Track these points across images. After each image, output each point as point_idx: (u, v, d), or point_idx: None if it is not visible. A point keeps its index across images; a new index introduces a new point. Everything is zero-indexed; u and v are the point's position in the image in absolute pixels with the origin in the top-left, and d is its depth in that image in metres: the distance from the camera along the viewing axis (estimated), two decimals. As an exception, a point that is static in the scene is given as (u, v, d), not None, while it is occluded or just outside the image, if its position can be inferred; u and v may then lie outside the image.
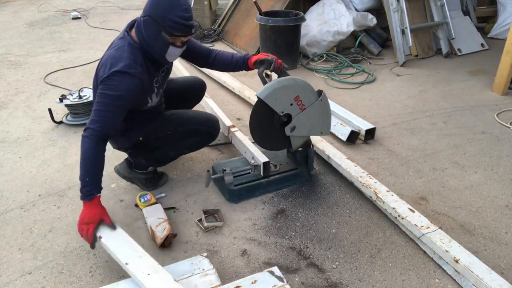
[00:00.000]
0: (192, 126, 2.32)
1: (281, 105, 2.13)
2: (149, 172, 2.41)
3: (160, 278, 1.62)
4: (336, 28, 4.41)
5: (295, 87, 2.12)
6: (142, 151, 2.36)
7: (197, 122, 2.34)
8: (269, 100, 2.09)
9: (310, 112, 2.20)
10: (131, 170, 2.42)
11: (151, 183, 2.44)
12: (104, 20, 6.67)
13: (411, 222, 1.98)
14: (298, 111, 2.18)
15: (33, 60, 4.81)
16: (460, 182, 2.49)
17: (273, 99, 2.10)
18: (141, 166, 2.40)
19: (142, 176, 2.41)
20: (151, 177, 2.43)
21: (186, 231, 2.12)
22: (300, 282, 1.81)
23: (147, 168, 2.40)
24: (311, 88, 2.18)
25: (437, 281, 1.81)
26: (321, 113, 2.24)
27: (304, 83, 2.15)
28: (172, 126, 2.30)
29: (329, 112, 2.30)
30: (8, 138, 3.08)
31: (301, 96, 2.14)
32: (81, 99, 3.20)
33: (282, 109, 2.14)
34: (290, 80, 2.12)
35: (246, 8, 5.20)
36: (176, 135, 2.30)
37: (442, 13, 4.57)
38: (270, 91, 2.08)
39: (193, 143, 2.41)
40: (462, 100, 3.57)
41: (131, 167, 2.42)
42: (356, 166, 2.44)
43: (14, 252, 2.01)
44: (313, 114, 2.22)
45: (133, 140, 2.28)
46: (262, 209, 2.27)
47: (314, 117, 2.24)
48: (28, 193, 2.45)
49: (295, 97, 2.13)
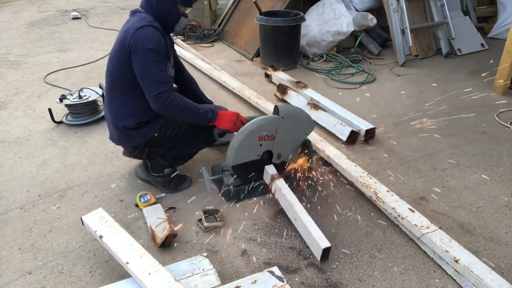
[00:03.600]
0: None
1: (253, 152, 2.20)
2: (165, 175, 2.39)
3: (160, 278, 1.62)
4: (336, 28, 4.41)
5: (252, 132, 2.15)
6: (160, 150, 2.35)
7: None
8: (239, 160, 2.18)
9: (281, 133, 2.22)
10: (148, 173, 2.44)
11: (170, 186, 2.42)
12: (104, 20, 6.68)
13: (411, 222, 1.98)
14: (271, 142, 2.22)
15: (33, 60, 4.81)
16: (460, 182, 2.49)
17: (242, 156, 2.18)
18: (158, 169, 2.39)
19: (159, 179, 2.41)
20: (169, 180, 2.41)
21: (186, 231, 2.12)
22: (300, 282, 1.81)
23: (163, 171, 2.38)
24: (267, 119, 2.19)
25: (437, 281, 1.81)
26: (291, 125, 2.24)
27: (257, 121, 2.16)
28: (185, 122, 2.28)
29: (299, 114, 2.28)
30: (8, 138, 3.08)
31: (262, 133, 2.17)
32: (81, 99, 3.20)
33: (256, 154, 2.21)
34: (244, 131, 2.15)
35: (246, 8, 5.20)
36: (191, 131, 2.29)
37: (442, 13, 4.57)
38: (234, 153, 2.15)
39: (209, 137, 2.37)
40: (462, 100, 3.57)
41: (147, 170, 2.43)
42: (356, 166, 2.44)
43: (14, 252, 2.01)
44: (285, 133, 2.23)
45: (149, 135, 2.24)
46: (262, 209, 2.27)
47: (289, 133, 2.25)
48: (28, 193, 2.45)
49: (259, 137, 2.17)
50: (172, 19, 2.13)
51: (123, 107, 2.20)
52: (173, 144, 2.33)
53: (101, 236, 1.84)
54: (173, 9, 2.08)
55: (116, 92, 2.21)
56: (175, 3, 2.07)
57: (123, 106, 2.20)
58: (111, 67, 2.20)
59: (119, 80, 2.17)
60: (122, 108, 2.21)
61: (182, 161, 2.49)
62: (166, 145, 2.32)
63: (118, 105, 2.22)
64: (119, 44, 2.09)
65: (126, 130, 2.22)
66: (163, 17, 2.09)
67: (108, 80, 2.24)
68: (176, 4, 2.08)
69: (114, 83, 2.21)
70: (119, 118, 2.23)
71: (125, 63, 2.09)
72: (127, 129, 2.22)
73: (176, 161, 2.44)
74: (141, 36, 2.00)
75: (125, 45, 2.04)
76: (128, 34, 2.03)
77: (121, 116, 2.22)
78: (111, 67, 2.20)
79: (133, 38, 2.00)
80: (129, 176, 2.57)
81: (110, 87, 2.24)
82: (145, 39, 2.00)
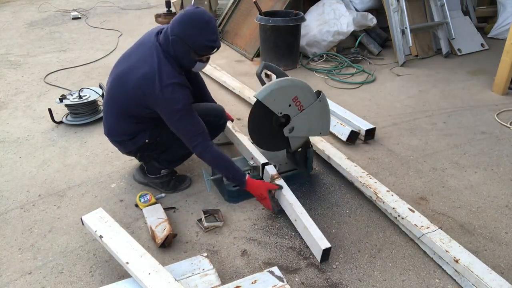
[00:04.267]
0: None
1: (280, 106, 2.13)
2: (162, 176, 2.40)
3: (160, 278, 1.62)
4: (336, 28, 4.41)
5: (294, 88, 2.12)
6: (153, 154, 2.34)
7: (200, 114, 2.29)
8: (267, 101, 2.09)
9: (309, 113, 2.20)
10: (145, 176, 2.44)
11: (169, 187, 2.42)
12: (104, 20, 6.67)
13: (411, 222, 1.98)
14: (297, 112, 2.18)
15: (33, 60, 4.81)
16: (460, 182, 2.49)
17: (271, 100, 2.09)
18: (153, 171, 2.40)
19: (157, 180, 2.41)
20: (167, 180, 2.41)
21: (186, 231, 2.12)
22: (300, 282, 1.81)
23: (159, 172, 2.39)
24: (309, 89, 2.17)
25: (437, 281, 1.81)
26: (320, 113, 2.24)
27: (303, 84, 2.15)
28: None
29: (328, 113, 2.29)
30: (8, 138, 3.09)
31: (299, 97, 2.14)
32: (81, 99, 3.20)
33: (280, 110, 2.14)
34: (288, 81, 2.12)
35: (246, 8, 5.20)
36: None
37: (442, 13, 4.57)
38: (268, 92, 2.08)
39: None
40: (462, 100, 3.57)
41: (144, 172, 2.44)
42: (356, 166, 2.44)
43: (14, 252, 2.01)
44: (311, 115, 2.22)
45: (139, 143, 2.26)
46: (262, 209, 2.27)
47: (313, 118, 2.23)
48: (28, 193, 2.45)
49: (293, 98, 2.13)
50: (186, 63, 2.07)
51: (118, 125, 2.24)
52: (166, 147, 2.32)
53: (101, 236, 1.84)
54: (186, 55, 2.01)
55: (114, 110, 2.22)
56: (188, 51, 1.99)
57: (118, 125, 2.24)
58: (118, 91, 2.13)
59: (122, 106, 2.16)
60: (118, 126, 2.25)
61: (177, 163, 2.47)
62: (158, 149, 2.32)
63: (114, 122, 2.25)
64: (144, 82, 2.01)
65: (119, 141, 2.31)
66: (178, 60, 2.04)
67: (110, 95, 2.21)
68: (189, 52, 2.00)
69: (115, 103, 2.20)
70: (112, 133, 2.29)
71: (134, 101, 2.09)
72: (119, 141, 2.30)
73: (171, 164, 2.43)
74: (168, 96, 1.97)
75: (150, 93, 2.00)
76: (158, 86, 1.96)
77: (115, 133, 2.28)
78: (118, 90, 2.13)
79: (164, 95, 1.97)
80: (129, 176, 2.57)
81: (111, 103, 2.22)
82: (172, 101, 1.98)
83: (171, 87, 1.97)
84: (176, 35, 1.97)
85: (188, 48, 1.98)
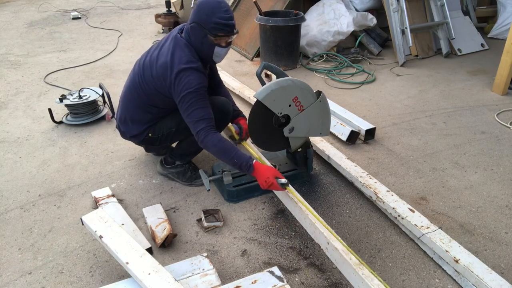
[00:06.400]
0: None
1: (279, 106, 2.13)
2: (177, 165, 2.49)
3: (160, 278, 1.62)
4: (336, 28, 4.41)
5: (294, 88, 2.12)
6: (156, 148, 2.52)
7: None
8: (267, 101, 2.09)
9: (309, 113, 2.20)
10: (163, 167, 2.54)
11: (186, 177, 2.49)
12: (104, 20, 6.68)
13: (411, 222, 1.98)
14: (297, 112, 2.18)
15: (33, 60, 4.81)
16: (460, 182, 2.49)
17: (271, 100, 2.10)
18: (169, 161, 2.51)
19: (173, 170, 2.50)
20: (183, 170, 2.49)
21: (186, 231, 2.12)
22: (300, 282, 1.81)
23: (174, 162, 2.49)
24: (309, 89, 2.17)
25: (437, 281, 1.81)
26: (320, 114, 2.24)
27: (303, 84, 2.15)
28: (174, 122, 2.30)
29: (329, 113, 2.29)
30: (8, 138, 3.09)
31: (299, 97, 2.14)
32: (81, 99, 3.20)
33: (280, 110, 2.14)
34: (288, 81, 2.12)
35: (246, 8, 5.20)
36: (182, 131, 2.29)
37: (442, 13, 4.57)
38: (268, 92, 2.08)
39: None
40: (462, 100, 3.57)
41: (162, 163, 2.54)
42: (356, 166, 2.44)
43: (14, 252, 2.01)
44: (312, 115, 2.22)
45: (143, 136, 2.36)
46: (262, 209, 2.27)
47: (313, 118, 2.23)
48: (28, 193, 2.45)
49: (294, 98, 2.13)
50: (206, 50, 2.12)
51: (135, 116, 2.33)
52: (170, 142, 2.43)
53: (101, 236, 1.83)
54: (204, 40, 2.07)
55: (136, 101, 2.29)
56: (205, 34, 2.05)
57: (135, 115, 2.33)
58: (143, 80, 2.22)
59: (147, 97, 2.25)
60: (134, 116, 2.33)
61: (189, 157, 2.54)
62: (161, 143, 2.40)
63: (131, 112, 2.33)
64: (162, 71, 2.11)
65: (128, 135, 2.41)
66: (198, 48, 2.12)
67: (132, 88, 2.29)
68: (206, 35, 2.05)
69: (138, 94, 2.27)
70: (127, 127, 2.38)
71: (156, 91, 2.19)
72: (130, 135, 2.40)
73: (183, 158, 2.50)
74: (183, 80, 2.05)
75: (166, 79, 2.10)
76: (172, 72, 2.06)
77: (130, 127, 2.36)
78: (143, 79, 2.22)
79: (177, 79, 2.06)
80: (129, 176, 2.57)
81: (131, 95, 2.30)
82: (186, 83, 2.05)
83: (183, 71, 2.05)
84: (193, 21, 2.07)
85: (205, 32, 2.04)
